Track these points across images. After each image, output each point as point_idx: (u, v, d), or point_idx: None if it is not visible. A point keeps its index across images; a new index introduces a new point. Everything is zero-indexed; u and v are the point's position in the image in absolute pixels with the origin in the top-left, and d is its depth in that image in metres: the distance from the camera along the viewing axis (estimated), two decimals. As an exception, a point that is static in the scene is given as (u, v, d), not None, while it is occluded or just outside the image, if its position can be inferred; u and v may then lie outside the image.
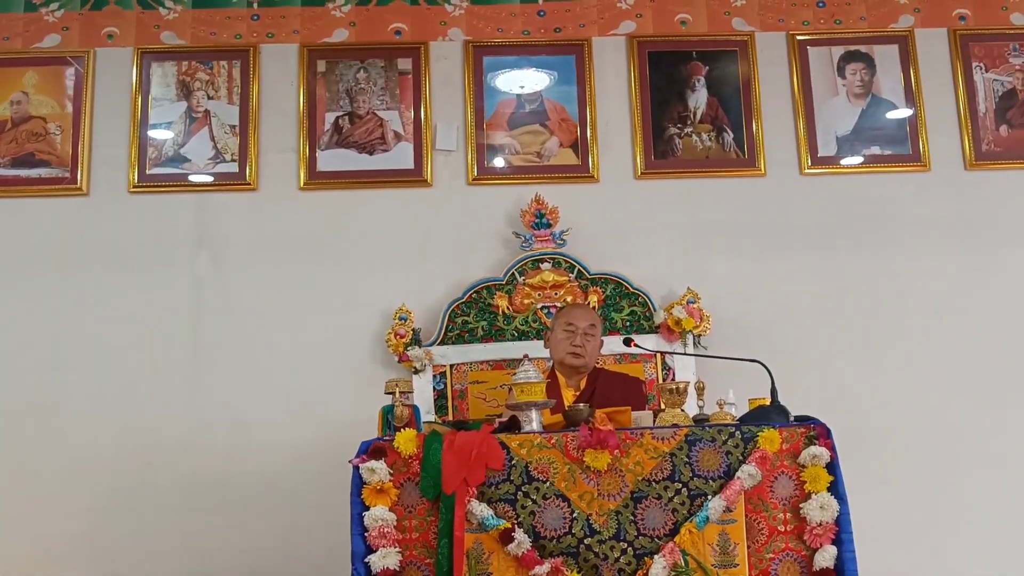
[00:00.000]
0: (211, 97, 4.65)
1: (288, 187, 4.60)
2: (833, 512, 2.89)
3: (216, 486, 4.28)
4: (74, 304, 4.47)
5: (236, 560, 4.21)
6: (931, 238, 4.61)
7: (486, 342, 4.38)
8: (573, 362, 3.77)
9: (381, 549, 2.86)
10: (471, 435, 2.96)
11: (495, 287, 4.44)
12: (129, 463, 4.31)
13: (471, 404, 4.30)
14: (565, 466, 2.92)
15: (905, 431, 4.37)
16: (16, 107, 4.62)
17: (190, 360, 4.43)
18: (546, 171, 4.64)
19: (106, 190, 4.57)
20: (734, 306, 4.48)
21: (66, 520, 4.23)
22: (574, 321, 3.80)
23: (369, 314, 4.45)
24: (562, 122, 4.68)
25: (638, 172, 4.65)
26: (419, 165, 4.61)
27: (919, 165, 4.68)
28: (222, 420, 4.36)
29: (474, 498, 2.88)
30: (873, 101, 4.76)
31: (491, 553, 2.87)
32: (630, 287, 4.44)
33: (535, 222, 4.48)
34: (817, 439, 2.94)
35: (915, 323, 4.52)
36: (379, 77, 4.70)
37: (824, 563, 2.87)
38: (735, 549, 2.89)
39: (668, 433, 2.96)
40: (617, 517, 2.90)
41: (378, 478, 2.90)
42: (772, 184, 4.65)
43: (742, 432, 2.96)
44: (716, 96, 4.73)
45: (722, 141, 4.69)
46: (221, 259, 4.54)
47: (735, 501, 2.89)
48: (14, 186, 4.55)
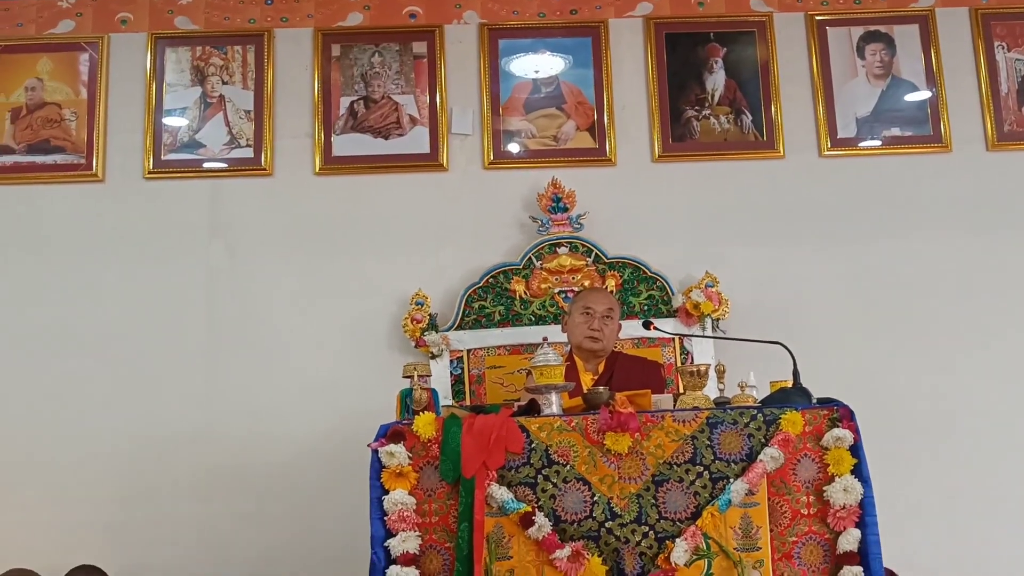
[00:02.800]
0: (225, 82, 4.63)
1: (303, 172, 4.58)
2: (857, 495, 2.86)
3: (233, 473, 4.27)
4: (89, 291, 4.46)
5: (254, 546, 4.20)
6: (953, 220, 4.55)
7: (503, 327, 4.36)
8: (591, 346, 3.74)
9: (401, 533, 2.85)
10: (490, 418, 2.94)
11: (512, 272, 4.42)
12: (146, 451, 4.31)
13: (488, 389, 4.27)
14: (585, 449, 2.90)
15: (926, 414, 4.34)
16: (31, 93, 4.61)
17: (205, 346, 4.42)
18: (563, 155, 4.60)
19: (121, 176, 4.57)
20: (753, 290, 4.44)
21: (83, 508, 4.23)
22: (592, 305, 3.77)
23: (385, 299, 4.43)
24: (579, 105, 4.64)
25: (655, 155, 4.61)
26: (435, 149, 4.59)
27: (940, 146, 4.63)
28: (238, 407, 4.35)
29: (494, 481, 2.86)
30: (893, 82, 4.70)
31: (511, 537, 2.85)
32: (648, 271, 4.40)
33: (552, 206, 4.45)
34: (840, 421, 2.91)
35: (936, 306, 4.47)
36: (394, 61, 4.67)
37: (848, 546, 2.85)
38: (757, 532, 2.86)
39: (689, 416, 2.93)
40: (638, 500, 2.87)
41: (397, 462, 2.88)
42: (791, 167, 4.61)
43: (764, 414, 2.93)
44: (734, 78, 4.68)
45: (740, 123, 4.64)
46: (236, 245, 4.53)
47: (757, 484, 2.86)
48: (30, 172, 4.54)
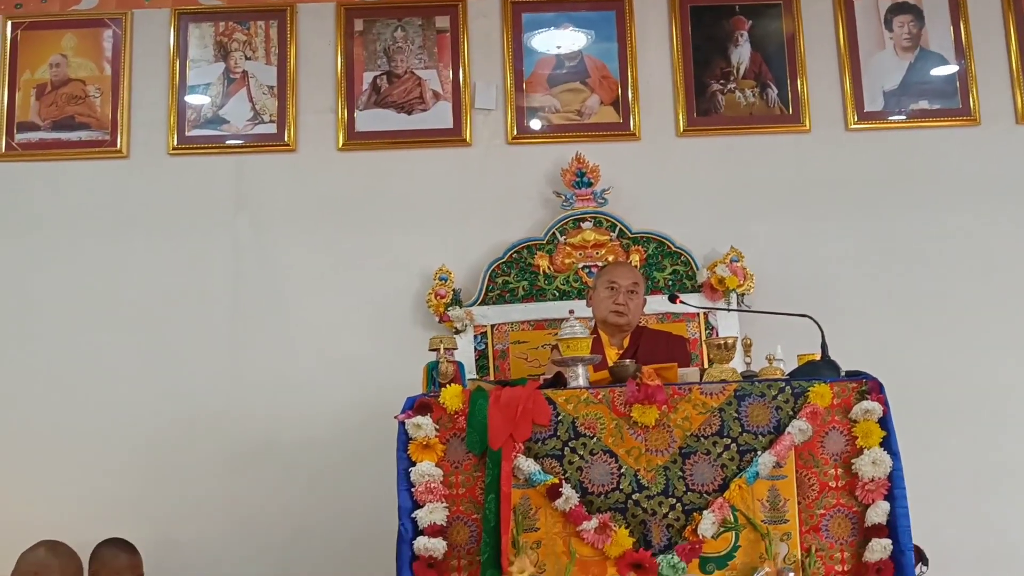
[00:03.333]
0: (248, 58, 4.63)
1: (327, 148, 4.57)
2: (886, 468, 2.85)
3: (260, 446, 4.30)
4: (115, 267, 4.48)
5: (282, 519, 4.23)
6: (981, 194, 4.50)
7: (527, 302, 4.35)
8: (616, 320, 3.73)
9: (428, 504, 2.86)
10: (517, 391, 2.94)
11: (536, 247, 4.40)
12: (174, 425, 4.34)
13: (512, 364, 4.27)
14: (612, 422, 2.90)
15: (952, 390, 4.30)
16: (55, 70, 4.62)
17: (232, 321, 4.44)
18: (586, 129, 4.57)
19: (145, 152, 4.57)
20: (778, 264, 4.42)
21: (112, 481, 4.27)
22: (616, 279, 3.76)
23: (409, 275, 4.43)
24: (603, 79, 4.61)
25: (680, 129, 4.58)
26: (458, 124, 4.57)
27: (969, 119, 4.57)
28: (264, 381, 4.37)
29: (521, 453, 2.86)
30: (921, 54, 4.64)
31: (538, 509, 2.86)
32: (672, 246, 4.38)
33: (576, 181, 4.43)
34: (869, 394, 2.90)
35: (964, 281, 4.42)
36: (417, 36, 4.65)
37: (876, 519, 2.84)
38: (785, 505, 2.85)
39: (717, 388, 2.92)
40: (665, 473, 2.87)
41: (424, 434, 2.89)
42: (817, 140, 4.56)
43: (792, 387, 2.91)
44: (759, 51, 4.63)
45: (766, 97, 4.60)
46: (260, 221, 4.54)
47: (785, 457, 2.85)
48: (55, 149, 4.56)
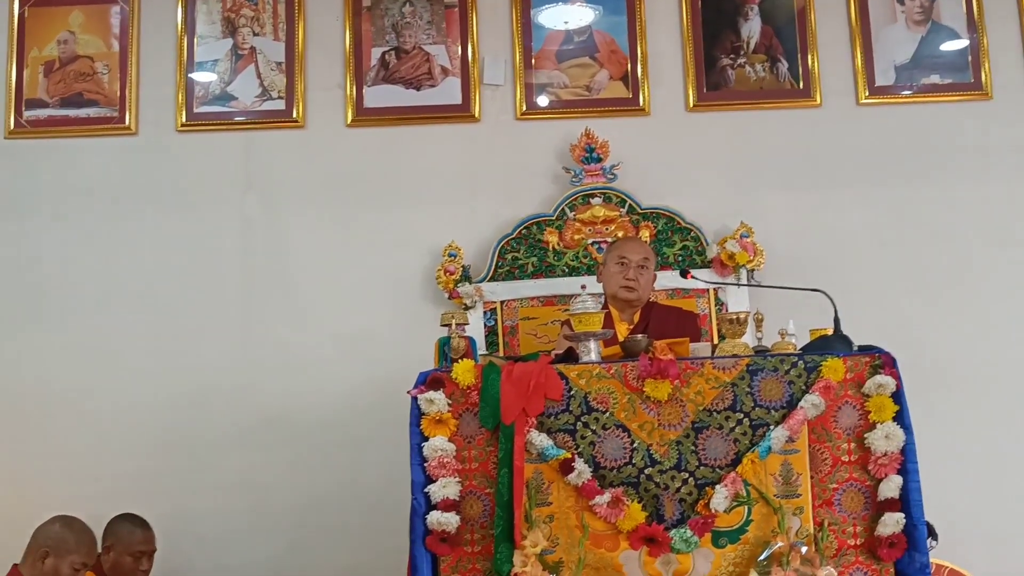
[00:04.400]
0: (256, 34, 4.61)
1: (335, 124, 4.56)
2: (899, 442, 2.84)
3: (272, 423, 4.31)
4: (125, 244, 4.48)
5: (294, 493, 4.24)
6: (993, 169, 4.48)
7: (536, 278, 4.34)
8: (626, 295, 3.72)
9: (441, 479, 2.86)
10: (529, 366, 2.93)
11: (545, 223, 4.39)
12: (186, 401, 4.35)
13: (522, 340, 4.27)
14: (625, 396, 2.89)
15: (965, 365, 4.29)
16: (63, 47, 4.61)
17: (242, 297, 4.44)
18: (596, 105, 4.55)
19: (154, 129, 4.57)
20: (788, 240, 4.41)
21: (126, 456, 4.28)
22: (627, 255, 3.75)
23: (418, 251, 4.43)
24: (612, 54, 4.58)
25: (690, 104, 4.55)
26: (467, 100, 4.55)
27: (981, 94, 4.54)
28: (275, 357, 4.37)
29: (533, 428, 2.86)
30: (933, 28, 4.60)
31: (551, 483, 2.86)
32: (682, 221, 4.37)
33: (585, 156, 4.41)
34: (882, 368, 2.88)
35: (976, 255, 4.41)
36: (425, 11, 4.62)
37: (889, 493, 2.83)
38: (798, 479, 2.85)
39: (729, 363, 2.91)
40: (678, 447, 2.87)
41: (437, 408, 2.89)
42: (828, 115, 4.54)
43: (805, 361, 2.90)
44: (770, 25, 4.60)
45: (776, 71, 4.57)
46: (269, 197, 4.53)
47: (798, 431, 2.84)
48: (63, 126, 4.55)
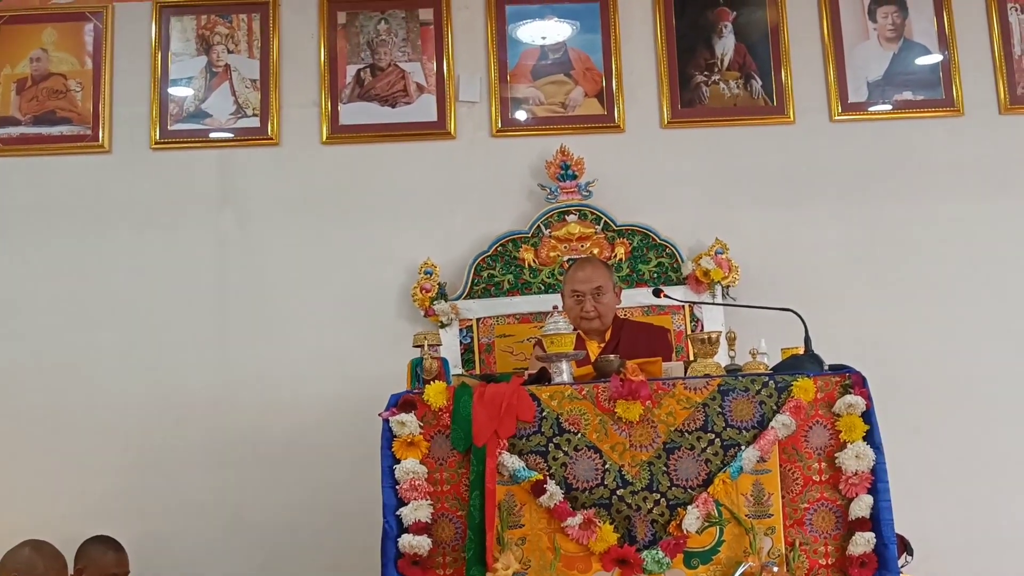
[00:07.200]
0: (231, 51, 4.60)
1: (310, 141, 4.56)
2: (869, 461, 2.85)
3: (246, 442, 4.30)
4: (100, 262, 4.46)
5: (268, 513, 4.23)
6: (965, 184, 4.51)
7: (512, 295, 4.35)
8: (587, 327, 3.71)
9: (413, 502, 2.85)
10: (501, 387, 2.93)
11: (521, 240, 4.40)
12: (159, 420, 4.33)
13: (498, 358, 4.27)
14: (596, 417, 2.89)
15: (938, 381, 4.32)
16: (36, 64, 4.58)
17: (217, 315, 4.42)
18: (571, 122, 4.56)
19: (128, 147, 4.55)
20: (763, 256, 4.42)
21: (99, 476, 4.26)
22: (577, 287, 3.72)
23: (394, 269, 4.43)
24: (587, 71, 4.60)
25: (664, 121, 4.57)
26: (442, 117, 4.55)
27: (952, 110, 4.58)
28: (250, 376, 4.36)
29: (505, 450, 2.86)
30: (905, 45, 4.64)
31: (523, 505, 2.85)
32: (657, 238, 4.38)
33: (560, 174, 4.42)
34: (853, 388, 2.90)
35: (948, 271, 4.44)
36: (400, 28, 4.63)
37: (860, 512, 2.84)
38: (769, 499, 2.86)
39: (701, 383, 2.92)
40: (650, 468, 2.87)
41: (408, 431, 2.88)
42: (801, 131, 4.57)
43: (776, 381, 2.91)
44: (744, 42, 4.62)
45: (750, 88, 4.60)
46: (245, 215, 4.52)
47: (769, 451, 2.85)
48: (36, 144, 4.52)
